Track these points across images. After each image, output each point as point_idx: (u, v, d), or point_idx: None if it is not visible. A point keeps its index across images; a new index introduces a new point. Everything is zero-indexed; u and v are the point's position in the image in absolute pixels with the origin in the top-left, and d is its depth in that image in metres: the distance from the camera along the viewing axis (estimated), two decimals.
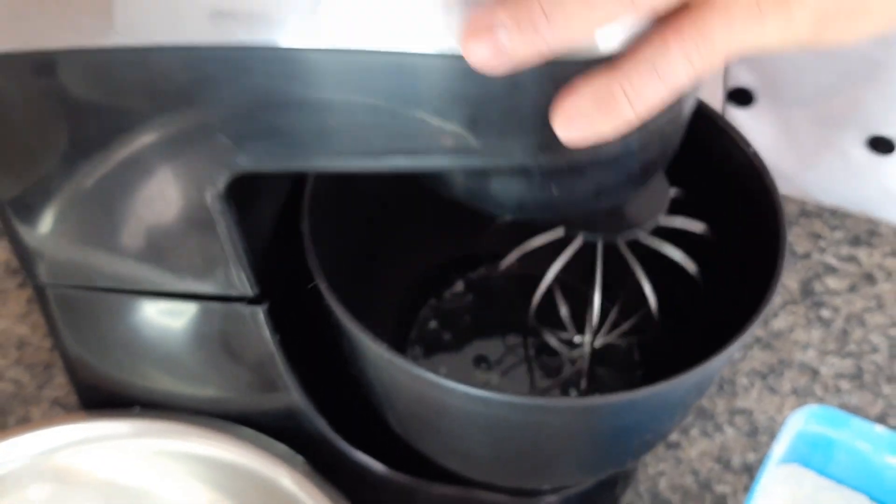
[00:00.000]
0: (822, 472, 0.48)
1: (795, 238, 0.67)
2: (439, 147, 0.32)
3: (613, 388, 0.42)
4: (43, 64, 0.33)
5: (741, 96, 0.67)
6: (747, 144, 0.45)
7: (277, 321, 0.43)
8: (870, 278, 0.65)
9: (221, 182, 0.36)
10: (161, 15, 0.31)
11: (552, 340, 0.53)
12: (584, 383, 0.53)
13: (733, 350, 0.37)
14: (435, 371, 0.36)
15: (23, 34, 0.32)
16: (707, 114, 0.45)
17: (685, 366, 0.36)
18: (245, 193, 0.38)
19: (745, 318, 0.38)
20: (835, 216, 0.69)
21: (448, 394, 0.36)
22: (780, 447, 0.45)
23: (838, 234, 0.68)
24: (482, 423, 0.38)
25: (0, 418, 0.57)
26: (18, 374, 0.60)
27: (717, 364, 0.37)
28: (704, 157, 0.45)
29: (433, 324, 0.56)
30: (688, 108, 0.35)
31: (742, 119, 0.68)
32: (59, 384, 0.59)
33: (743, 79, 0.67)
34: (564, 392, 0.53)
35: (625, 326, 0.52)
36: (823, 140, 0.66)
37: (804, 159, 0.68)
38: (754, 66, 0.66)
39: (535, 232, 0.45)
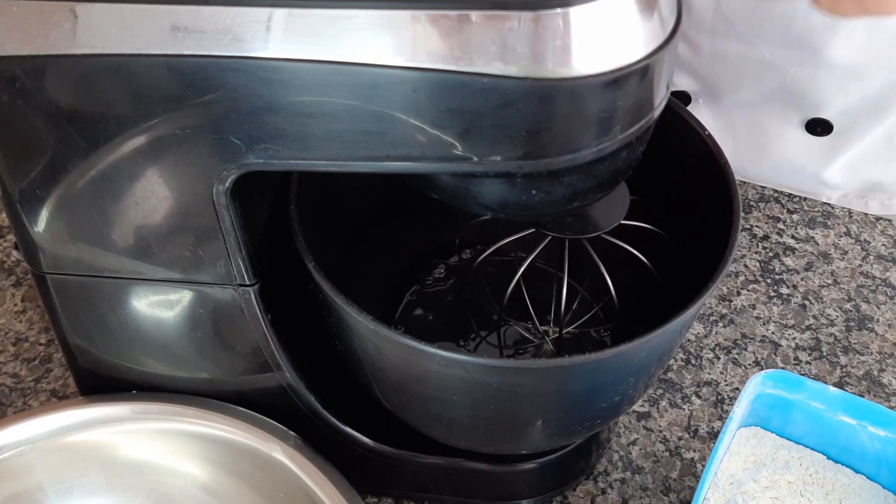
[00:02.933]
0: (781, 433, 0.52)
1: (755, 221, 0.71)
2: (434, 154, 0.35)
3: None
4: (58, 66, 0.36)
5: (678, 98, 0.71)
6: (703, 128, 0.48)
7: (269, 302, 0.45)
8: (826, 257, 0.69)
9: (229, 179, 0.39)
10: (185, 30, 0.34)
11: (527, 326, 0.56)
12: None
13: (687, 317, 0.40)
14: None
15: (36, 38, 0.35)
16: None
17: None
18: (246, 187, 0.40)
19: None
20: (792, 200, 0.73)
21: (429, 359, 0.39)
22: (740, 409, 0.48)
23: (796, 217, 0.71)
24: (461, 388, 0.41)
25: None
26: (16, 368, 0.62)
27: (673, 327, 0.40)
28: (663, 141, 0.48)
29: (416, 307, 0.59)
30: (655, 122, 0.38)
31: None
32: (56, 376, 0.61)
33: (682, 84, 0.72)
34: None
35: (589, 315, 0.56)
36: (761, 129, 0.70)
37: (743, 150, 0.72)
38: (694, 73, 0.71)
39: (510, 225, 0.48)
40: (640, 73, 0.33)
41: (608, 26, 0.31)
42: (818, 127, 0.66)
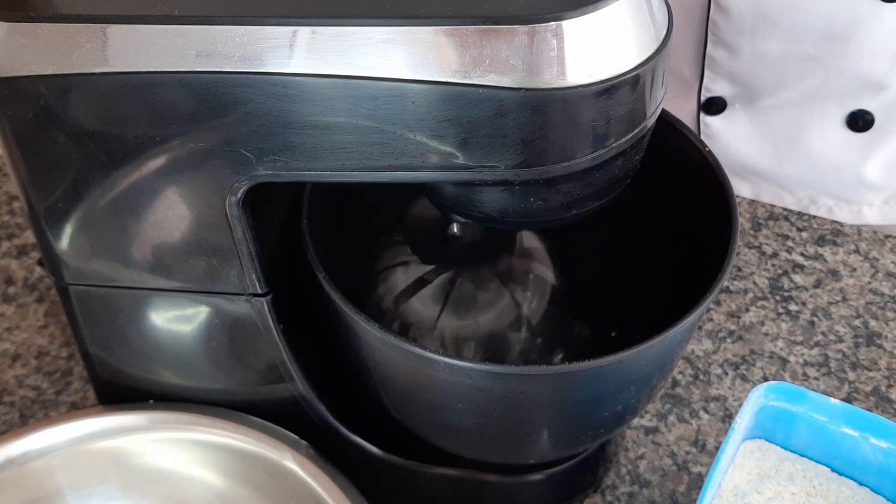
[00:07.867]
0: (785, 446, 0.52)
1: (765, 239, 0.72)
2: (434, 163, 0.37)
3: None
4: (79, 84, 0.38)
5: (714, 105, 0.71)
6: (703, 144, 0.49)
7: (281, 313, 0.47)
8: (835, 274, 0.69)
9: (241, 191, 0.40)
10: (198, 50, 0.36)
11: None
12: None
13: (685, 326, 0.41)
14: None
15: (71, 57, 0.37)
16: (666, 118, 0.50)
17: None
18: (258, 199, 0.42)
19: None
20: (801, 218, 0.73)
21: (434, 367, 0.40)
22: (742, 419, 0.49)
23: (805, 235, 0.72)
24: (466, 395, 0.42)
25: (21, 422, 0.61)
26: (38, 381, 0.64)
27: (671, 336, 0.41)
28: (664, 157, 0.49)
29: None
30: (649, 132, 0.40)
31: (716, 126, 0.72)
32: (76, 389, 0.63)
33: (719, 90, 0.72)
34: None
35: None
36: (801, 129, 0.70)
37: (782, 153, 0.72)
38: (732, 77, 0.70)
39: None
40: (632, 83, 0.34)
41: (600, 38, 0.33)
42: (860, 121, 0.66)
